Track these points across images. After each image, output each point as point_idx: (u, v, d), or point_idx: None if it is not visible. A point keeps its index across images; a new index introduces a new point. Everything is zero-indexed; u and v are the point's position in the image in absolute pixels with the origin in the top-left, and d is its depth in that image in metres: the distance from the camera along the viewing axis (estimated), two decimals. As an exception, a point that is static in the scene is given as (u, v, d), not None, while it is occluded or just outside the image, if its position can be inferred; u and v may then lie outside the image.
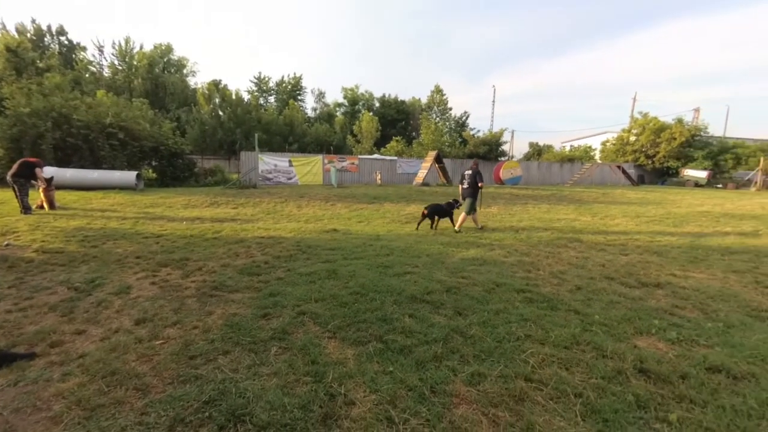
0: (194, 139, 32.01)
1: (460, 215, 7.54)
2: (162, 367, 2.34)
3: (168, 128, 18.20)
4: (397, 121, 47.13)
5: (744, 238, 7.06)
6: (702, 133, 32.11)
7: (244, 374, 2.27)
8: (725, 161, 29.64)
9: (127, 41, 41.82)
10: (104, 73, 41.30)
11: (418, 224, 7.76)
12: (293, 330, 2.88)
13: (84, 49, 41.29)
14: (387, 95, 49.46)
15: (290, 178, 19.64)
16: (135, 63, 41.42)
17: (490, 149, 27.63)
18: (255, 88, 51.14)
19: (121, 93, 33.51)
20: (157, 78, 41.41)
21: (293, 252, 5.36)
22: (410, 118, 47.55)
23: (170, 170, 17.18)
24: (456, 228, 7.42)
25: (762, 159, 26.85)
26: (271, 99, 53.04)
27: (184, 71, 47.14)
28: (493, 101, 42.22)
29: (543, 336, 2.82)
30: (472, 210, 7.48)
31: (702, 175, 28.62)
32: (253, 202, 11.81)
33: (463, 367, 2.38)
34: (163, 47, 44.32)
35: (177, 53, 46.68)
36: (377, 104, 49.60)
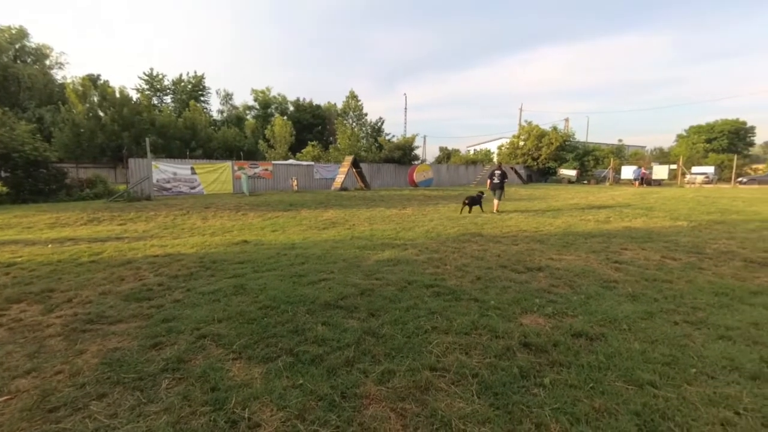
0: (64, 144, 26.75)
1: (494, 202, 11.27)
2: (5, 430, 1.87)
3: (24, 131, 14.85)
4: (313, 126, 46.31)
5: (600, 224, 8.72)
6: (571, 139, 38.82)
7: (126, 418, 1.95)
8: (588, 162, 36.33)
9: (-45, 20, 32.82)
10: None
11: (461, 211, 11.01)
12: (191, 357, 2.59)
13: None
14: (302, 99, 48.25)
15: (194, 188, 17.75)
16: (-30, 48, 32.77)
17: (404, 153, 29.02)
18: (146, 87, 44.98)
19: (-51, 85, 26.22)
20: (5, 68, 33.39)
21: (195, 269, 4.84)
22: (326, 122, 47.15)
23: (29, 183, 13.99)
24: (495, 210, 11.04)
25: (612, 160, 33.63)
26: (168, 99, 47.30)
27: (47, 62, 39.00)
28: (406, 108, 44.64)
29: (447, 326, 3.05)
30: (502, 196, 11.42)
31: (572, 173, 34.57)
32: (146, 216, 10.33)
33: (374, 367, 2.44)
34: (14, 31, 35.96)
35: (35, 39, 38.39)
36: (291, 108, 48.03)
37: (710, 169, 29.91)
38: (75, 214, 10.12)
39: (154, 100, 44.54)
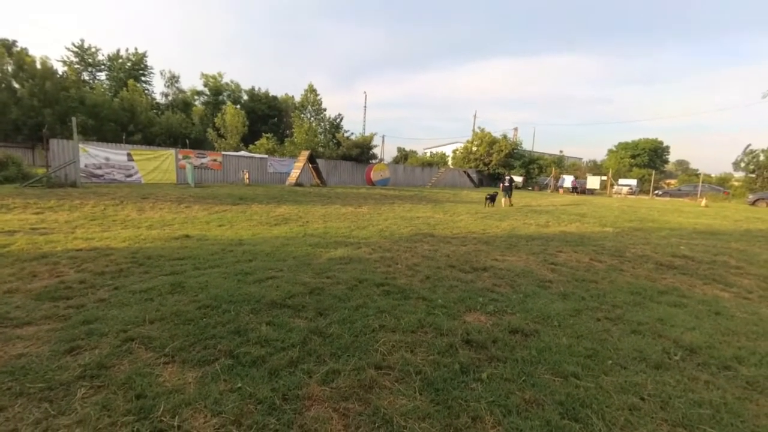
0: (-34, 117, 22.96)
1: (503, 200, 15.37)
2: None
3: None
4: (268, 117, 44.40)
5: (540, 228, 9.42)
6: (519, 147, 41.46)
7: (28, 434, 1.72)
8: (533, 170, 39.06)
9: None
10: None
11: (486, 205, 14.26)
12: (114, 362, 2.35)
13: None
14: (257, 89, 45.96)
15: (130, 176, 16.20)
16: None
17: (362, 152, 29.00)
18: (75, 60, 40.08)
19: None
20: None
21: (125, 265, 4.40)
22: (283, 115, 45.44)
23: None
24: (509, 204, 15.21)
25: (554, 169, 36.48)
26: (102, 76, 42.63)
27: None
28: (365, 106, 44.56)
29: (395, 324, 3.09)
30: (511, 195, 15.44)
31: (519, 179, 36.96)
32: (69, 204, 9.21)
33: (319, 367, 2.40)
34: None
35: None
36: (245, 97, 45.59)
37: (633, 182, 33.69)
38: (-23, 200, 8.72)
39: (85, 76, 39.88)
